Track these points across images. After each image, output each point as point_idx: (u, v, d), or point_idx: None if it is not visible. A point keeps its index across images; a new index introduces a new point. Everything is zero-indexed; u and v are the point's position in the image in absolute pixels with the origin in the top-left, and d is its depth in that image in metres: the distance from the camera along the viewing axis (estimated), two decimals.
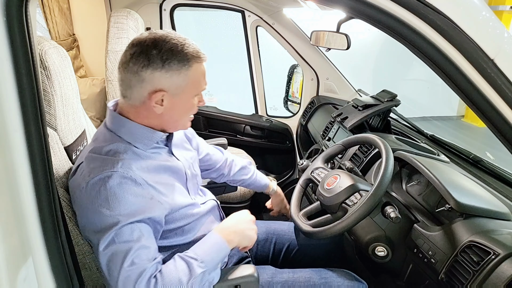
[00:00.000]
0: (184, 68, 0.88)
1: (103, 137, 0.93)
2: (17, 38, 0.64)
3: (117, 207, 0.82)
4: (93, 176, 0.84)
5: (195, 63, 0.90)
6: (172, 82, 0.88)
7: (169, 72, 0.87)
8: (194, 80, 0.91)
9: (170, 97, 0.90)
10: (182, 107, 0.94)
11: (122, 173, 0.85)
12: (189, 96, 0.93)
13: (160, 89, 0.88)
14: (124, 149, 0.90)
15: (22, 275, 0.70)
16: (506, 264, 0.82)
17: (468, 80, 0.68)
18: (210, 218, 1.13)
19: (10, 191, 0.68)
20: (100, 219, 0.82)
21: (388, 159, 1.04)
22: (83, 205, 0.86)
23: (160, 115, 0.92)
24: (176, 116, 0.95)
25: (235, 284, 0.96)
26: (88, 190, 0.84)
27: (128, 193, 0.84)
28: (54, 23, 2.18)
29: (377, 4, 0.67)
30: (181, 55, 0.88)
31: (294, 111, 2.65)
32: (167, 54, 0.87)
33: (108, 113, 0.96)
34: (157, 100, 0.89)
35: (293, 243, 1.35)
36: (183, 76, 0.89)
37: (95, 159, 0.87)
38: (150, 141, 0.95)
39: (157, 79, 0.87)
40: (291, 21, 2.27)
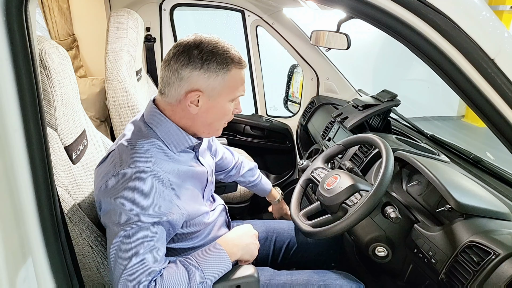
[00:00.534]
0: (223, 71, 0.89)
1: (138, 130, 0.94)
2: (17, 38, 0.64)
3: (142, 204, 0.83)
4: (125, 167, 0.85)
5: (235, 68, 0.90)
6: (209, 83, 0.89)
7: (207, 73, 0.88)
8: (231, 84, 0.91)
9: (205, 99, 0.90)
10: (216, 110, 0.94)
11: (154, 171, 0.85)
12: (225, 101, 0.93)
13: (197, 89, 0.89)
14: (157, 147, 0.91)
15: (22, 276, 0.70)
16: (506, 264, 0.82)
17: (468, 80, 0.68)
18: (218, 224, 1.14)
19: (10, 191, 0.68)
20: (122, 211, 0.83)
21: (388, 159, 1.04)
22: (109, 192, 0.86)
23: (194, 116, 0.93)
24: (210, 119, 0.95)
25: (235, 284, 0.96)
26: (117, 179, 0.84)
27: (155, 193, 0.85)
28: (54, 23, 2.18)
29: (377, 4, 0.67)
30: (221, 58, 0.88)
31: (294, 111, 2.65)
32: (207, 55, 0.87)
33: (148, 107, 0.96)
34: (193, 100, 0.90)
35: (293, 240, 1.35)
36: (221, 79, 0.89)
37: (129, 151, 0.88)
38: (182, 144, 0.96)
39: (194, 79, 0.88)
40: (291, 21, 2.27)
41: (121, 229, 0.82)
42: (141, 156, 0.86)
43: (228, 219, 1.24)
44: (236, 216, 1.48)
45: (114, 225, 0.83)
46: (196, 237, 1.04)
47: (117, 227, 0.82)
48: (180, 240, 1.00)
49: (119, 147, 0.91)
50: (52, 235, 0.75)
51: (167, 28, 2.41)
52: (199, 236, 1.05)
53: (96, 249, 0.92)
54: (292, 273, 1.17)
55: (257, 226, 1.40)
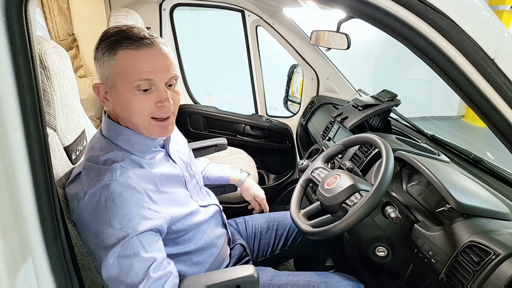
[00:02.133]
0: (110, 57, 0.81)
1: (99, 145, 0.90)
2: (16, 38, 0.64)
3: (119, 219, 0.79)
4: (91, 185, 0.81)
5: (121, 49, 0.80)
6: (101, 73, 0.84)
7: (98, 63, 0.84)
8: (120, 69, 0.81)
9: (109, 90, 0.85)
10: (122, 103, 0.85)
11: (121, 182, 0.81)
12: (123, 90, 0.82)
13: (99, 83, 0.86)
14: (121, 157, 0.87)
15: (21, 276, 0.70)
16: (506, 264, 0.82)
17: (469, 80, 0.68)
18: (212, 225, 1.11)
19: (10, 191, 0.68)
20: (101, 233, 0.79)
21: (388, 159, 1.04)
22: (82, 217, 0.83)
23: (117, 113, 0.88)
24: (125, 114, 0.87)
25: (235, 284, 0.96)
26: (86, 200, 0.81)
27: (129, 203, 0.81)
28: (54, 23, 2.18)
29: (377, 4, 0.67)
30: (106, 43, 0.81)
31: (294, 111, 2.65)
32: (97, 45, 0.83)
33: (103, 120, 0.93)
34: (102, 94, 0.87)
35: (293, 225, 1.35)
36: (107, 65, 0.82)
37: (92, 169, 0.84)
38: (148, 147, 0.92)
39: (96, 73, 0.86)
40: (291, 21, 2.27)
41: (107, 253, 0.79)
42: (106, 171, 0.82)
43: (224, 220, 1.22)
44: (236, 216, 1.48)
45: (98, 249, 0.81)
46: (188, 240, 1.01)
47: (101, 251, 0.80)
48: (171, 244, 0.97)
49: (83, 168, 0.86)
50: (52, 235, 0.75)
51: (167, 28, 2.40)
52: (192, 240, 1.02)
53: None
54: (294, 274, 1.17)
55: (258, 218, 1.41)
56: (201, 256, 1.05)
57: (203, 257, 1.06)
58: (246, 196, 1.39)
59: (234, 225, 1.39)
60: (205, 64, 4.77)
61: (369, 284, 1.30)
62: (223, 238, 1.16)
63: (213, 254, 1.09)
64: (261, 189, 1.41)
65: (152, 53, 0.82)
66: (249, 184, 1.39)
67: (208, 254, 1.08)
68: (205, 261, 1.07)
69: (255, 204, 1.39)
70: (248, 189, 1.38)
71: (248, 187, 1.38)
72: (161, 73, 0.84)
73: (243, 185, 1.39)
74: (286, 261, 1.47)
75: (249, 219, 1.42)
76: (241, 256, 1.24)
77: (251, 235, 1.36)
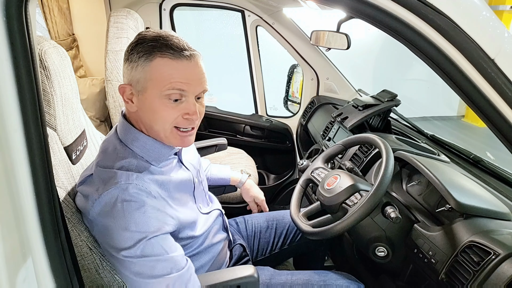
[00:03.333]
0: (144, 60, 0.81)
1: (113, 149, 0.89)
2: (17, 38, 0.64)
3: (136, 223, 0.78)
4: (107, 188, 0.80)
5: (159, 56, 0.80)
6: (133, 75, 0.83)
7: (130, 64, 0.83)
8: (154, 76, 0.81)
9: (135, 93, 0.85)
10: (147, 108, 0.84)
11: (138, 185, 0.81)
12: (153, 96, 0.82)
13: (125, 83, 0.86)
14: (136, 166, 0.86)
15: (21, 276, 0.70)
16: (506, 264, 0.82)
17: (469, 80, 0.68)
18: (213, 231, 1.11)
19: (10, 191, 0.68)
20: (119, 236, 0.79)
21: (388, 159, 1.04)
22: (98, 220, 0.82)
23: (139, 116, 0.87)
24: (147, 119, 0.86)
25: (235, 284, 0.96)
26: (102, 203, 0.80)
27: (146, 206, 0.80)
28: (54, 23, 2.17)
29: (377, 4, 0.67)
30: (145, 46, 0.81)
31: (294, 111, 2.65)
32: (132, 46, 0.83)
33: (120, 122, 0.92)
34: (127, 95, 0.86)
35: (292, 224, 1.36)
36: (141, 69, 0.81)
37: (107, 173, 0.83)
38: (163, 157, 0.91)
39: (125, 73, 0.85)
40: (291, 21, 2.27)
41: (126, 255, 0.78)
42: (122, 175, 0.81)
43: (226, 223, 1.22)
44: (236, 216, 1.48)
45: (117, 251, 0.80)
46: (189, 246, 1.00)
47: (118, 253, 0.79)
48: None
49: (96, 172, 0.85)
50: (52, 235, 0.75)
51: (167, 28, 2.40)
52: (193, 246, 1.01)
53: (95, 250, 0.92)
54: (293, 273, 1.17)
55: (257, 217, 1.41)
56: (201, 260, 1.05)
57: (203, 261, 1.06)
58: (245, 197, 1.40)
59: (234, 225, 1.39)
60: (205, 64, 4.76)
61: (369, 284, 1.30)
62: (223, 241, 1.16)
63: (213, 257, 1.10)
64: (261, 191, 1.41)
65: (189, 65, 0.83)
66: (249, 185, 1.39)
67: (209, 258, 1.08)
68: (205, 264, 1.07)
69: (254, 206, 1.39)
70: (248, 191, 1.38)
71: (248, 188, 1.38)
72: (194, 86, 0.84)
73: (243, 187, 1.40)
74: (286, 260, 1.48)
75: (248, 218, 1.42)
76: (241, 256, 1.24)
77: (250, 234, 1.36)
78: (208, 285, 0.94)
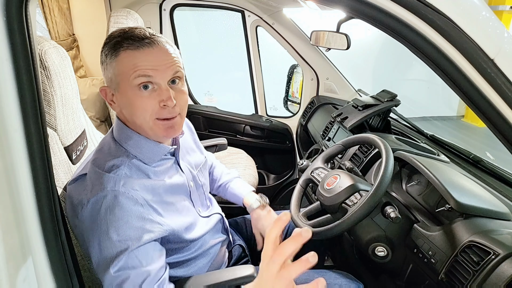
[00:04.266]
0: (112, 58, 0.82)
1: (108, 148, 0.89)
2: (17, 38, 0.64)
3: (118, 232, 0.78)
4: (94, 194, 0.80)
5: (123, 51, 0.81)
6: (106, 75, 0.85)
7: (103, 65, 0.85)
8: (122, 70, 0.82)
9: (114, 92, 0.86)
10: (127, 102, 0.84)
11: (124, 192, 0.80)
12: (126, 90, 0.82)
13: (105, 86, 0.87)
14: (128, 165, 0.85)
15: (22, 276, 0.70)
16: (506, 264, 0.82)
17: (468, 80, 0.68)
18: (212, 234, 1.10)
19: (10, 191, 0.68)
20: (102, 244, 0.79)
21: (388, 159, 1.04)
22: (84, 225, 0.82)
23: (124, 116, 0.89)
24: (130, 114, 0.86)
25: (235, 284, 0.96)
26: (88, 209, 0.80)
27: (129, 215, 0.80)
28: (54, 23, 2.18)
29: (377, 4, 0.67)
30: (109, 46, 0.83)
31: (294, 111, 2.65)
32: (102, 48, 0.85)
33: (115, 122, 0.93)
34: (109, 97, 0.88)
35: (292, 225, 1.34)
36: (110, 67, 0.83)
37: (97, 175, 0.83)
38: (156, 155, 0.91)
39: (103, 76, 0.87)
40: (291, 21, 2.27)
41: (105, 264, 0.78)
42: (109, 180, 0.81)
43: (227, 227, 1.20)
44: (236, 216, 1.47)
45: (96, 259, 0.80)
46: (188, 249, 1.00)
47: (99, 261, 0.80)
48: (171, 253, 0.95)
49: (89, 172, 0.85)
50: (52, 235, 0.75)
51: (167, 28, 2.41)
52: (192, 248, 1.01)
53: None
54: None
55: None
56: (198, 263, 1.05)
57: (201, 263, 1.06)
58: (253, 228, 1.25)
59: (234, 225, 1.39)
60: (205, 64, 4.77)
61: (369, 284, 1.30)
62: (222, 243, 1.15)
63: (212, 258, 1.09)
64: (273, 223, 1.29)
65: (152, 52, 0.82)
66: (258, 215, 1.23)
67: (207, 260, 1.07)
68: (204, 266, 1.06)
69: (259, 241, 1.24)
70: (256, 221, 1.23)
71: (256, 218, 1.23)
72: (162, 71, 0.83)
73: (252, 214, 1.26)
74: None
75: (249, 218, 1.42)
76: (240, 256, 1.24)
77: (250, 235, 1.36)
78: (207, 285, 0.93)
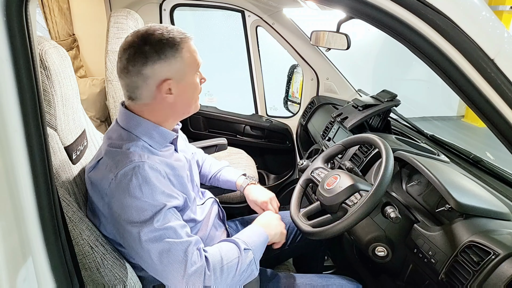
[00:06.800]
0: (177, 52, 0.91)
1: (118, 136, 0.94)
2: (17, 38, 0.64)
3: (152, 195, 0.85)
4: (122, 166, 0.86)
5: (184, 43, 0.93)
6: (172, 68, 0.91)
7: (167, 61, 0.90)
8: (190, 60, 0.94)
9: (176, 83, 0.93)
10: (189, 89, 0.97)
11: (150, 164, 0.88)
12: (192, 76, 0.96)
13: (165, 78, 0.91)
14: (142, 147, 0.93)
15: (22, 275, 0.70)
16: (506, 264, 0.82)
17: (468, 80, 0.68)
18: (211, 220, 1.13)
19: (10, 191, 0.68)
20: (135, 208, 0.84)
21: (388, 159, 1.04)
22: (116, 197, 0.86)
23: (173, 104, 0.95)
24: (187, 100, 0.98)
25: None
26: (118, 180, 0.85)
27: (158, 182, 0.87)
28: (54, 23, 2.18)
29: (377, 4, 0.67)
30: (170, 41, 0.91)
31: (294, 111, 2.65)
32: (159, 45, 0.89)
33: (121, 112, 0.97)
34: (166, 90, 0.92)
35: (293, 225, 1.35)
36: (179, 59, 0.92)
37: (118, 153, 0.89)
38: (164, 140, 0.98)
39: (158, 71, 0.90)
40: (291, 21, 2.27)
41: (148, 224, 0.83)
42: (134, 154, 0.89)
43: (222, 212, 1.24)
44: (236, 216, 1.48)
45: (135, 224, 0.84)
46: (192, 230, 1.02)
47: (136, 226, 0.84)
48: None
49: (107, 154, 0.91)
50: (52, 235, 0.75)
51: None
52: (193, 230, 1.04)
53: (96, 249, 0.92)
54: (294, 276, 1.18)
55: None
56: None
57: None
58: (248, 202, 1.34)
59: (234, 227, 1.38)
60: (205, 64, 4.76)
61: (369, 284, 1.30)
62: (221, 230, 1.17)
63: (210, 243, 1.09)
64: (262, 192, 1.32)
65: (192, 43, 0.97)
66: (248, 191, 1.33)
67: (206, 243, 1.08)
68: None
69: (259, 210, 1.30)
70: (248, 196, 1.33)
71: (247, 194, 1.33)
72: None
73: (244, 191, 1.34)
74: (286, 260, 1.47)
75: (248, 219, 1.42)
76: None
77: None
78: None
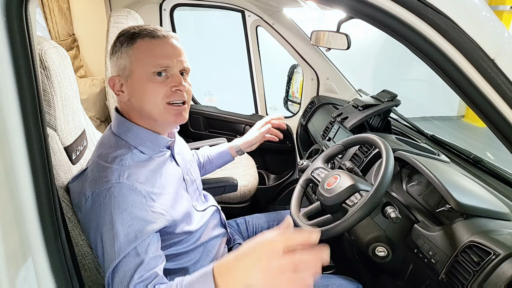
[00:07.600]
0: (127, 47, 0.87)
1: (108, 142, 0.92)
2: (17, 38, 0.64)
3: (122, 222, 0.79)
4: (98, 186, 0.82)
5: (140, 39, 0.87)
6: (119, 64, 0.89)
7: (115, 56, 0.89)
8: (139, 57, 0.87)
9: (124, 81, 0.89)
10: (139, 90, 0.88)
11: (128, 185, 0.82)
12: (140, 77, 0.87)
13: (114, 75, 0.90)
14: (130, 156, 0.88)
15: (22, 275, 0.70)
16: (506, 264, 0.82)
17: (468, 80, 0.68)
18: (210, 227, 1.11)
19: (10, 191, 0.68)
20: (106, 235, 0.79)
21: (388, 159, 1.04)
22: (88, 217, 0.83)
23: (131, 104, 0.90)
24: (141, 103, 0.89)
25: None
26: (92, 200, 0.82)
27: (133, 206, 0.81)
28: (54, 23, 2.18)
29: (377, 4, 0.67)
30: (126, 36, 0.88)
31: (294, 111, 2.65)
32: (118, 40, 0.89)
33: (113, 117, 0.96)
34: (117, 88, 0.90)
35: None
36: (126, 55, 0.87)
37: (101, 168, 0.85)
38: (157, 145, 0.94)
39: (112, 67, 0.90)
40: (291, 21, 2.27)
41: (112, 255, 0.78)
42: (114, 172, 0.83)
43: (223, 219, 1.22)
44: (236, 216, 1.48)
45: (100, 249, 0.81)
46: (186, 241, 1.00)
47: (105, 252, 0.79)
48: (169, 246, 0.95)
49: (91, 165, 0.88)
50: (52, 235, 0.75)
51: (167, 28, 2.41)
52: (190, 240, 1.01)
53: None
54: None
55: (258, 218, 1.41)
56: (197, 254, 1.05)
57: (199, 255, 1.06)
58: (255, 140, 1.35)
59: (234, 226, 1.39)
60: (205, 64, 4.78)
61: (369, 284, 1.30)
62: (221, 237, 1.16)
63: (209, 251, 1.09)
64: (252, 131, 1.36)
65: (168, 43, 0.90)
66: (242, 141, 1.37)
67: (205, 252, 1.07)
68: (201, 258, 1.06)
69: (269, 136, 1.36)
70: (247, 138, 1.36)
71: (245, 141, 1.36)
72: (175, 61, 0.89)
73: (240, 146, 1.37)
74: None
75: (249, 219, 1.42)
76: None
77: (251, 235, 1.37)
78: None
